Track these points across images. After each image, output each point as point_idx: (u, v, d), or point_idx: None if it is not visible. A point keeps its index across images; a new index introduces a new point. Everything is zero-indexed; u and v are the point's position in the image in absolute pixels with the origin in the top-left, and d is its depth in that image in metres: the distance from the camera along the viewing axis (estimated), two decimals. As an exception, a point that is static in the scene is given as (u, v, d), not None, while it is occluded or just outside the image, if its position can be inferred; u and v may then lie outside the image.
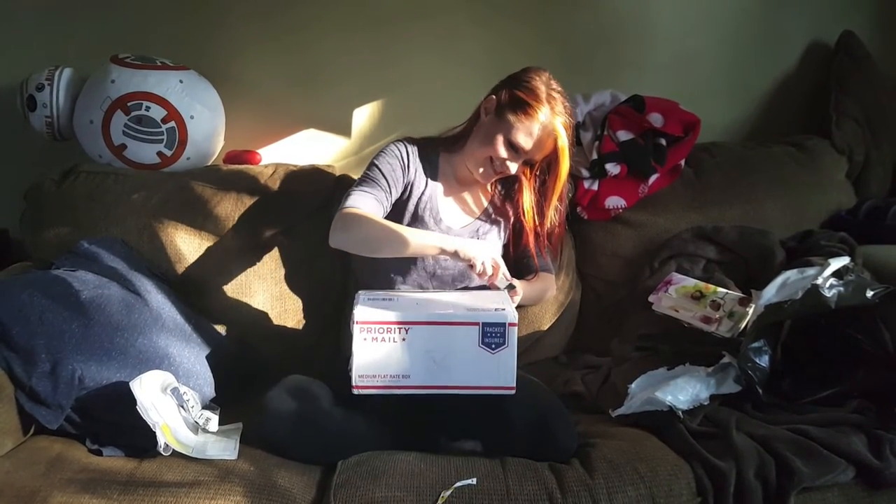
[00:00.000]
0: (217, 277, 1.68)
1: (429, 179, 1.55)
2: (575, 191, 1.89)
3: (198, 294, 1.65)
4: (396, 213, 1.52)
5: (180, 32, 2.00)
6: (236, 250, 1.69)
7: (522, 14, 2.10)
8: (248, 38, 2.04)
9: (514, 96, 1.44)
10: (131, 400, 1.22)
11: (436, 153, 1.58)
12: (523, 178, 1.52)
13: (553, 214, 1.53)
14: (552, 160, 1.47)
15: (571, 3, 2.12)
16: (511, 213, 1.59)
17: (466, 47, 2.08)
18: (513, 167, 1.46)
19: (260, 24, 2.03)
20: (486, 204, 1.61)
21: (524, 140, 1.43)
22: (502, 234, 1.60)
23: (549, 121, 1.42)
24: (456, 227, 1.55)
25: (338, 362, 1.33)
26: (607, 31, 2.16)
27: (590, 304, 1.88)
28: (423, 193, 1.53)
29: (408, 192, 1.53)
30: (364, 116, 2.12)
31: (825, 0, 2.23)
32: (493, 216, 1.59)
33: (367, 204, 1.43)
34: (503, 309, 1.28)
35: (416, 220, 1.52)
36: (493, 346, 1.25)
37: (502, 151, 1.44)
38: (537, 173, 1.53)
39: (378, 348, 1.24)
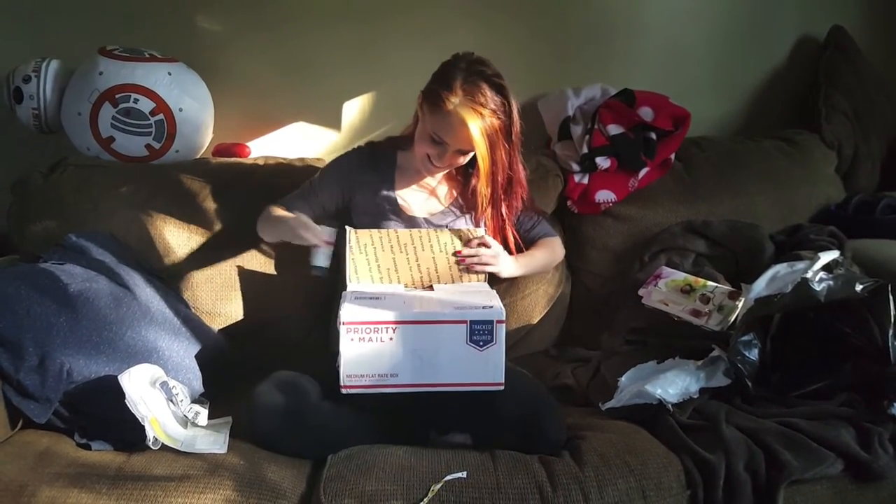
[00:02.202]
0: (205, 271, 1.67)
1: (384, 179, 1.57)
2: (565, 184, 1.89)
3: (186, 288, 1.64)
4: (358, 215, 1.57)
5: (169, 24, 1.98)
6: (225, 244, 1.68)
7: (512, 7, 2.09)
8: (237, 31, 2.02)
9: (430, 88, 1.44)
10: (120, 393, 1.21)
11: (393, 152, 1.60)
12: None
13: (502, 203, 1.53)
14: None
15: (563, -5, 2.12)
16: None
17: (456, 40, 2.05)
18: (444, 160, 1.45)
19: (249, 17, 2.01)
20: (456, 195, 1.61)
21: (440, 131, 1.41)
22: (473, 223, 1.59)
23: (456, 108, 1.38)
24: (420, 217, 1.57)
25: (326, 357, 1.33)
26: (598, 25, 2.16)
27: (580, 298, 1.88)
28: (377, 192, 1.56)
29: (358, 196, 1.56)
30: (354, 109, 2.11)
31: (814, -5, 2.24)
32: (464, 207, 1.60)
33: (291, 205, 1.57)
34: (491, 306, 1.27)
35: (379, 216, 1.55)
36: (482, 343, 1.25)
37: (428, 145, 1.45)
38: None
39: (365, 348, 1.23)
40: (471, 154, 1.47)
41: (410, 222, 1.56)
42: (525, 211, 1.63)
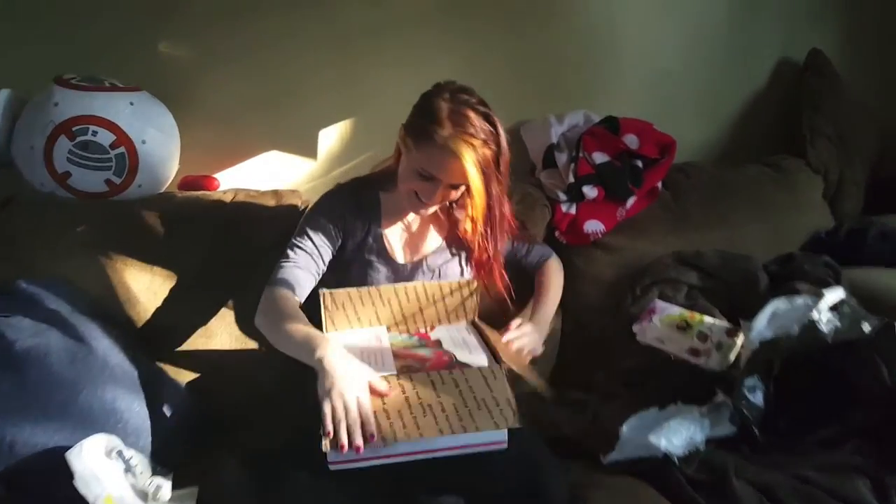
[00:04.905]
0: (170, 318, 1.56)
1: (371, 223, 1.47)
2: (553, 215, 1.83)
3: (151, 337, 1.53)
4: (342, 265, 1.46)
5: (131, 51, 1.88)
6: (193, 286, 1.58)
7: (494, 32, 2.05)
8: (204, 56, 1.93)
9: (413, 122, 1.35)
10: (69, 469, 1.09)
11: (374, 193, 1.50)
12: (467, 200, 1.41)
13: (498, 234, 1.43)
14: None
15: (544, 21, 2.08)
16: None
17: (437, 66, 2.00)
18: (435, 196, 1.36)
19: (217, 43, 1.92)
20: (445, 234, 1.54)
21: (430, 166, 1.32)
22: (466, 262, 1.53)
23: (446, 141, 1.29)
24: (411, 261, 1.49)
25: (304, 412, 1.22)
26: (579, 52, 2.13)
27: (571, 334, 1.80)
28: (365, 238, 1.46)
29: (349, 242, 1.46)
30: (331, 136, 2.03)
31: (791, 19, 2.25)
32: (454, 247, 1.52)
33: (296, 278, 1.37)
34: (498, 439, 1.14)
35: (365, 265, 1.45)
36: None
37: (416, 182, 1.35)
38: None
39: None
40: (462, 188, 1.39)
41: (400, 270, 1.47)
42: (516, 238, 1.60)
